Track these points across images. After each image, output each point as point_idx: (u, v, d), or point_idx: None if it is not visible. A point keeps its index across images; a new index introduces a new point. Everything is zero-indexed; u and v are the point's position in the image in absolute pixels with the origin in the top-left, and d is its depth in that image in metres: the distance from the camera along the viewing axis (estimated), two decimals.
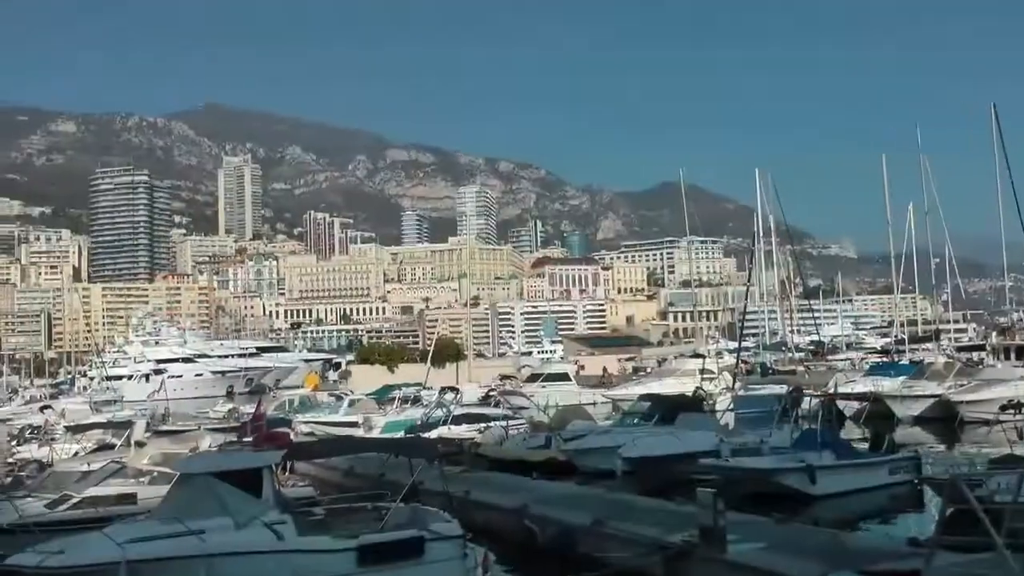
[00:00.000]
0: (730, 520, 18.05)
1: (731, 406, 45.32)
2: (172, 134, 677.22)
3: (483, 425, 41.71)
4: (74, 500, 23.08)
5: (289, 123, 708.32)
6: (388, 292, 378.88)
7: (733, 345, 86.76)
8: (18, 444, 50.89)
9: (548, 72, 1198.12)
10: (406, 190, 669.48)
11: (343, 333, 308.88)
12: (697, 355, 72.60)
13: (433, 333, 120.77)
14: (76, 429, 44.01)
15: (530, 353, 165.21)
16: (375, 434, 42.84)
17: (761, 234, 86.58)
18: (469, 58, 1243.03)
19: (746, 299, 72.62)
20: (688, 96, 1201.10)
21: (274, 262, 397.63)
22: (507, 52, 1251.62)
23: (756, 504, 22.79)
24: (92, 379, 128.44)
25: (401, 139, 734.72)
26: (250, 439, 33.37)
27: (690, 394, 47.00)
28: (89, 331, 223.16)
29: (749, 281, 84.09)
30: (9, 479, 29.93)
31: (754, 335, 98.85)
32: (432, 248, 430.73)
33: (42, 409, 70.95)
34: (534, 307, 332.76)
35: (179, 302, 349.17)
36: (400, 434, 39.13)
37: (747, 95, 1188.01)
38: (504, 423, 41.18)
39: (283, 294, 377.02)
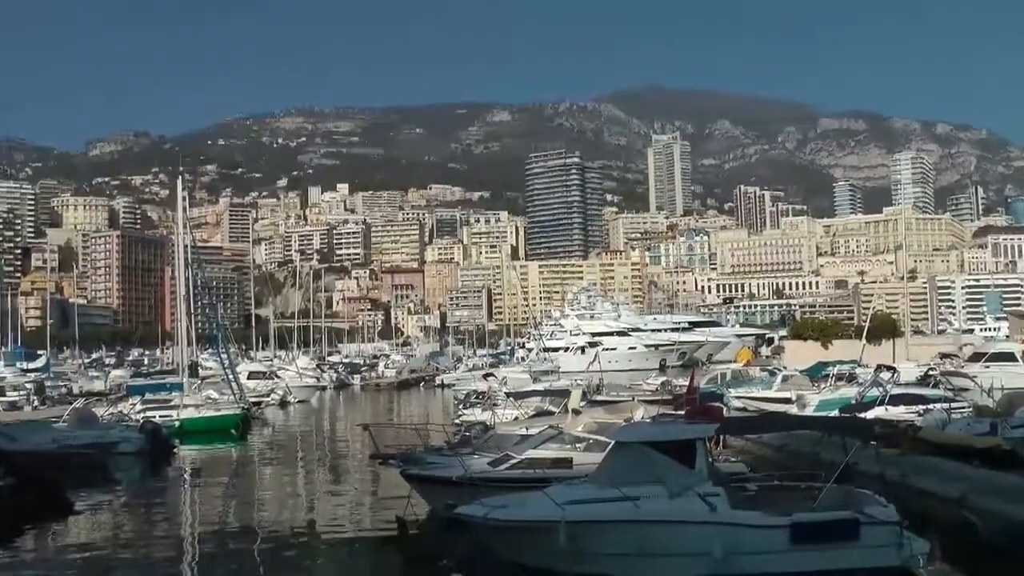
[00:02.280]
0: None
1: None
2: (602, 116, 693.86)
3: (922, 407, 39.19)
4: (514, 460, 24.08)
5: (717, 98, 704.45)
6: (821, 266, 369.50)
7: None
8: (464, 407, 54.29)
9: (991, 22, 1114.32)
10: (838, 160, 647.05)
11: (775, 308, 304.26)
12: None
13: (868, 308, 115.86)
14: (516, 396, 46.19)
15: (972, 330, 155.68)
16: (808, 412, 41.85)
17: None
18: (894, 22, 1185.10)
19: None
20: None
21: (705, 237, 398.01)
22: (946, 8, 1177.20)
23: None
24: (531, 350, 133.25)
25: (832, 108, 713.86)
26: (683, 412, 33.53)
27: None
28: (527, 305, 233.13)
29: None
30: (457, 437, 31.74)
31: None
32: (866, 219, 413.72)
33: (485, 376, 75.11)
34: (976, 280, 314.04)
35: (612, 278, 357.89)
36: (834, 413, 37.89)
37: None
38: (946, 406, 38.67)
39: (715, 269, 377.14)
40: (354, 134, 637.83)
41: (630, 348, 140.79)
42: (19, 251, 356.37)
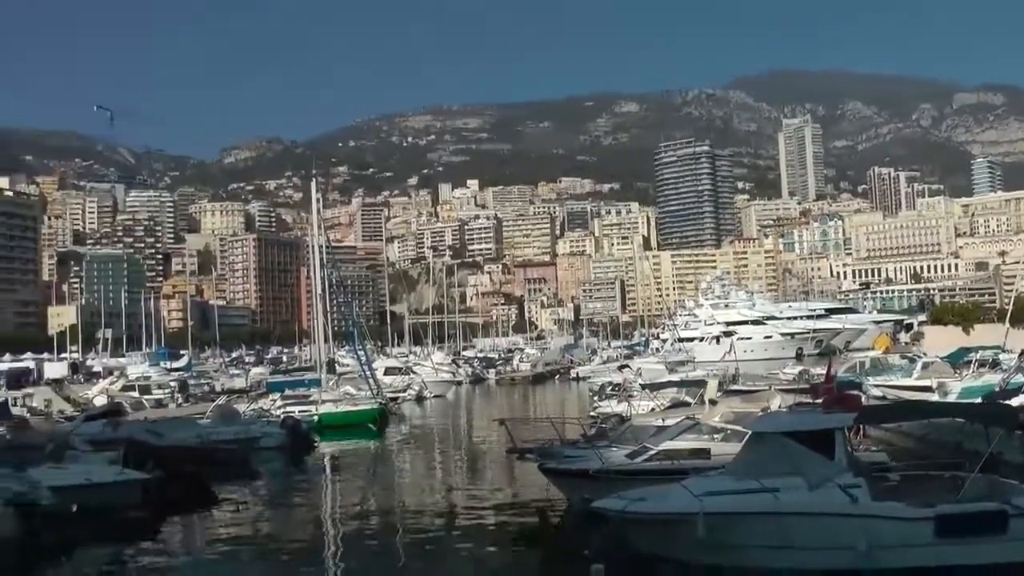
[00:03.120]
0: None
1: None
2: (730, 103, 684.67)
3: None
4: (651, 452, 24.02)
5: (847, 78, 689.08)
6: (960, 247, 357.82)
7: None
8: (600, 399, 54.31)
9: None
10: (975, 136, 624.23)
11: (913, 292, 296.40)
12: None
13: (1011, 290, 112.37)
14: (652, 387, 46.10)
15: None
16: (950, 399, 40.83)
17: None
18: None
19: None
20: None
21: (839, 221, 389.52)
22: None
23: None
24: (665, 341, 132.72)
25: (967, 82, 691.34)
26: (820, 401, 33.09)
27: None
28: (660, 296, 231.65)
29: None
30: (593, 430, 31.82)
31: None
32: (1006, 197, 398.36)
33: (620, 368, 74.98)
34: None
35: (746, 266, 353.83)
36: (977, 400, 36.89)
37: None
38: None
39: (850, 254, 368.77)
40: (483, 130, 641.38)
41: (765, 337, 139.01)
42: (160, 256, 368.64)
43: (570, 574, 17.38)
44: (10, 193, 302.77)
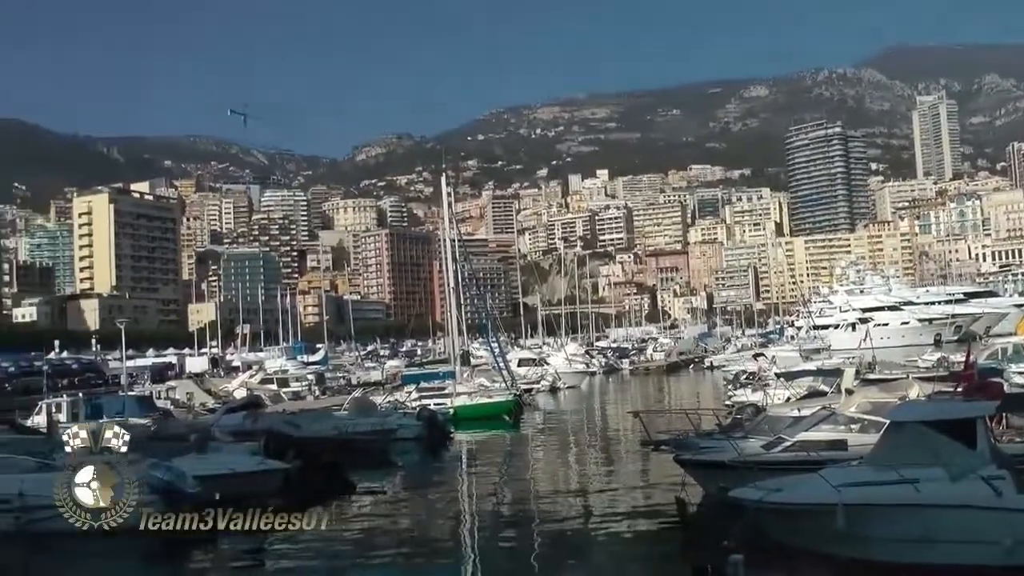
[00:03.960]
0: None
1: None
2: (862, 82, 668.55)
3: None
4: (787, 443, 23.67)
5: (983, 51, 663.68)
6: None
7: None
8: (734, 388, 53.78)
9: None
10: None
11: None
12: None
13: None
14: (787, 376, 45.48)
15: None
16: None
17: None
18: None
19: None
20: None
21: (977, 201, 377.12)
22: None
23: None
24: (800, 328, 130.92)
25: None
26: (960, 389, 32.30)
27: None
28: (794, 282, 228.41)
29: None
30: (728, 420, 31.59)
31: None
32: None
33: (755, 357, 74.08)
34: None
35: (881, 250, 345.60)
36: None
37: None
38: None
39: (989, 234, 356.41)
40: (611, 120, 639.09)
41: (903, 323, 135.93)
42: (295, 253, 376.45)
43: (709, 564, 17.27)
44: (150, 197, 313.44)
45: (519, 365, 77.73)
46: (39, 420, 47.67)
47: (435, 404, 51.99)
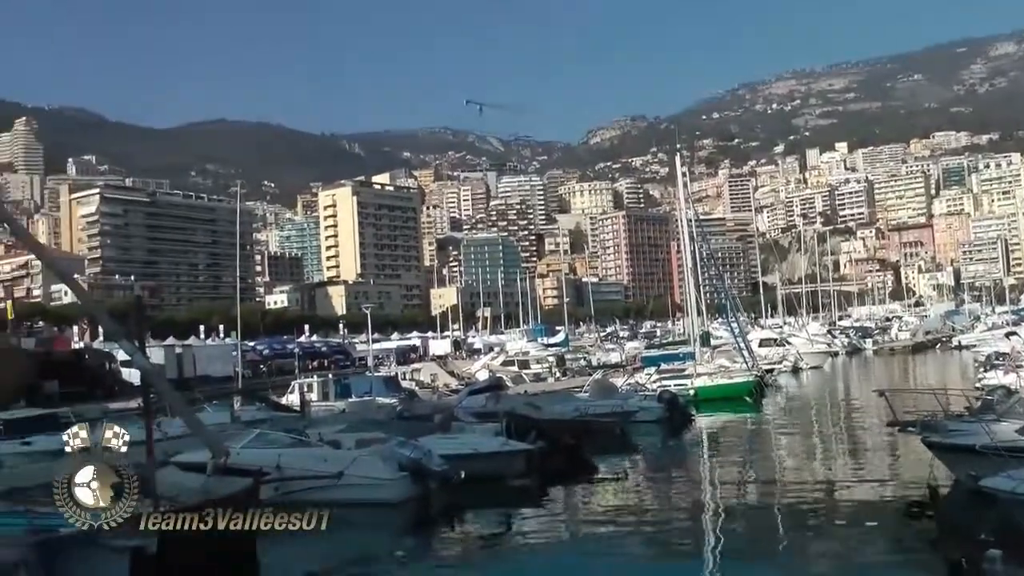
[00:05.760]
0: None
1: None
2: None
3: None
4: None
5: None
6: None
7: None
8: (985, 370, 51.50)
9: None
10: None
11: None
12: None
13: None
14: None
15: None
16: None
17: None
18: None
19: None
20: None
21: None
22: None
23: None
24: None
25: None
26: None
27: None
28: None
29: None
30: (979, 403, 30.37)
31: None
32: None
33: (1007, 336, 70.86)
34: None
35: None
36: None
37: None
38: None
39: None
40: (849, 90, 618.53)
41: None
42: (533, 237, 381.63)
43: (963, 558, 16.63)
44: (391, 188, 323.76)
45: (760, 346, 76.74)
46: (292, 398, 50.56)
47: (675, 386, 51.88)
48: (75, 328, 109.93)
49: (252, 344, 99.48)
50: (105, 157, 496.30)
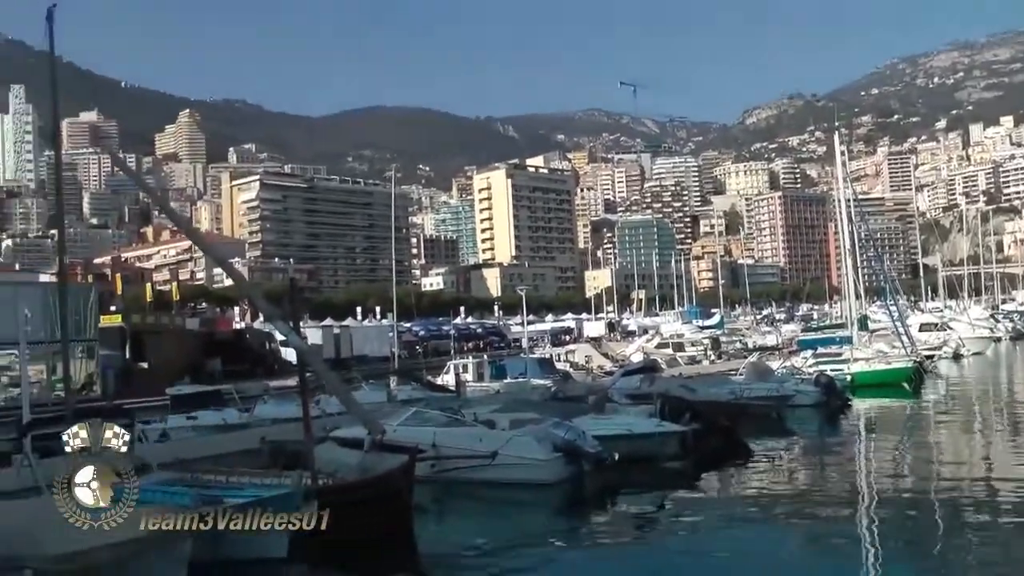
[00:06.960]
0: None
1: None
2: None
3: None
4: None
5: None
6: None
7: None
8: None
9: None
10: None
11: None
12: None
13: None
14: None
15: None
16: None
17: None
18: None
19: None
20: None
21: None
22: None
23: None
24: None
25: None
26: None
27: None
28: None
29: None
30: None
31: None
32: None
33: None
34: None
35: None
36: None
37: None
38: None
39: None
40: (1015, 60, 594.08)
41: None
42: (688, 219, 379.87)
43: None
44: (545, 171, 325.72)
45: (920, 330, 74.65)
46: (448, 379, 51.42)
47: (832, 370, 50.93)
48: (236, 309, 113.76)
49: (408, 325, 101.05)
50: (264, 145, 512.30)
